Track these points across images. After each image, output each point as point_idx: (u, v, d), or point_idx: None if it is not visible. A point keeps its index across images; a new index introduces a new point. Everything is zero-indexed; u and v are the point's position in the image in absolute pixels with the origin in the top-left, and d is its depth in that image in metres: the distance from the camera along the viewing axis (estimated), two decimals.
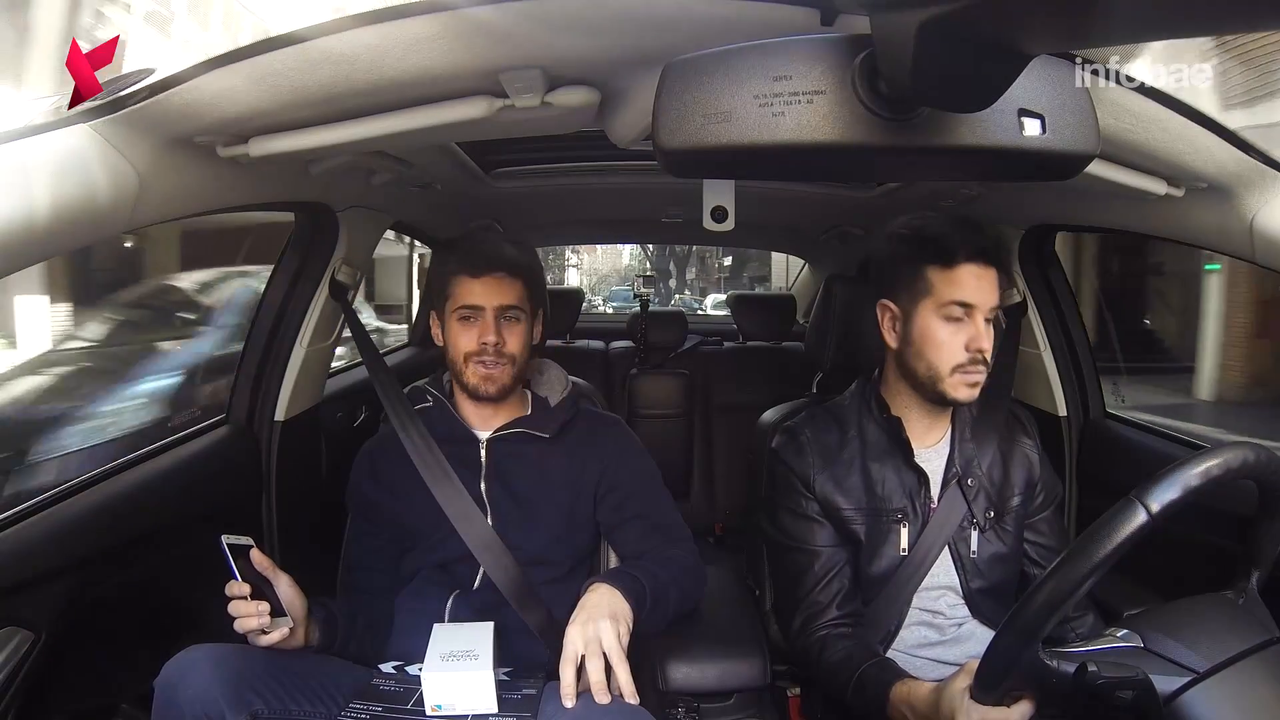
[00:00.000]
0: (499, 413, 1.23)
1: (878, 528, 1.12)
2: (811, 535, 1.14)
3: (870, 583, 1.13)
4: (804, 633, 1.12)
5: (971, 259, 1.04)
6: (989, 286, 1.05)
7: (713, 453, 2.63)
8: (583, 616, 0.95)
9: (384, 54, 0.75)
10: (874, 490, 1.12)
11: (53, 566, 0.98)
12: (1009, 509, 1.14)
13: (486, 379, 1.16)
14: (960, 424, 1.16)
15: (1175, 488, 0.72)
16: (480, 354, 1.16)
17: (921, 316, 1.07)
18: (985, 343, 1.03)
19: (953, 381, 1.05)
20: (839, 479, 1.13)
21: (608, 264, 16.16)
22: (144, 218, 0.86)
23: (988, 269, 1.05)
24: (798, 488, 1.15)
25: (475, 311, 1.16)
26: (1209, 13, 0.45)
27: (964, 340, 1.04)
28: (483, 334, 1.15)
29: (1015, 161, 0.62)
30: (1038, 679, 0.77)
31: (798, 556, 1.14)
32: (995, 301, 1.05)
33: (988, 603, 1.12)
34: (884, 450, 1.14)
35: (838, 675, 1.05)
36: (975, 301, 1.04)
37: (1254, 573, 0.84)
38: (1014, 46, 0.51)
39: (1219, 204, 0.97)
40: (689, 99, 0.58)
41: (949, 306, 1.04)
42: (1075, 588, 0.72)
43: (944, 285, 1.05)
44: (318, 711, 0.97)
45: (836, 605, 1.11)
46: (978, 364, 1.04)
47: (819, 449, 1.15)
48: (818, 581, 1.12)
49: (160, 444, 1.30)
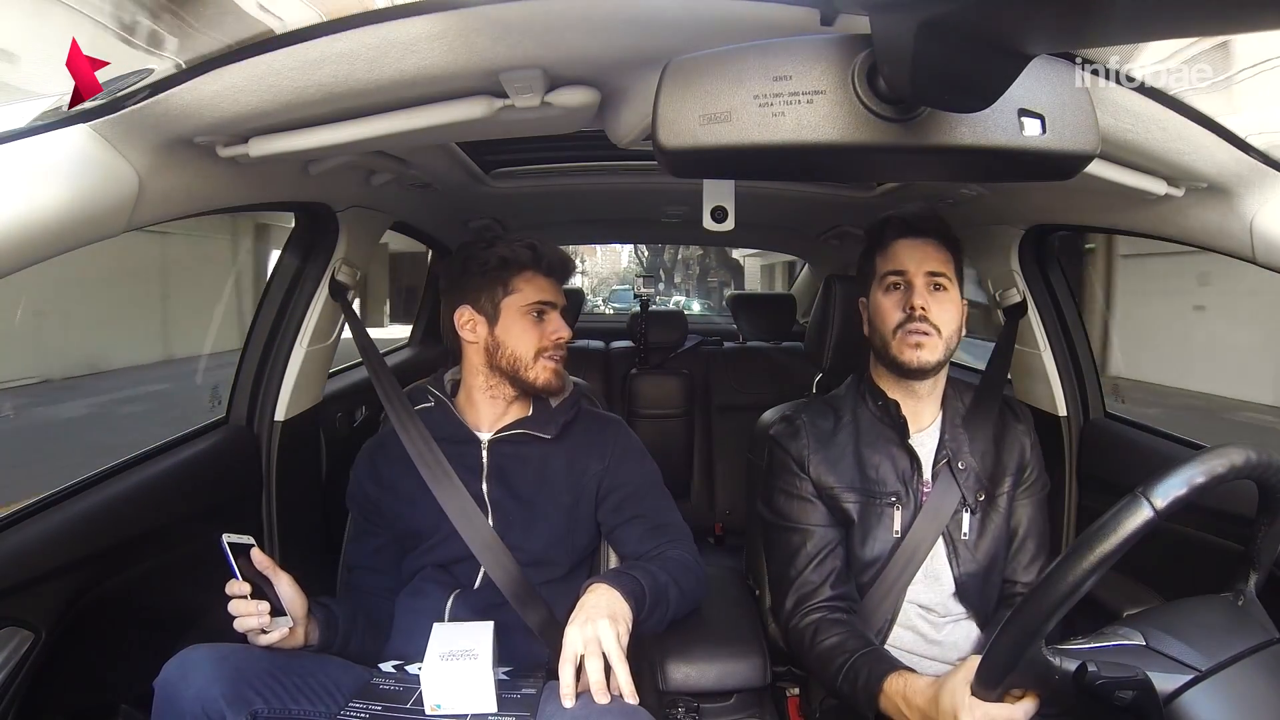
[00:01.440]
0: (501, 413, 1.23)
1: (870, 509, 1.14)
2: (804, 514, 1.16)
3: (863, 568, 1.14)
4: (796, 614, 1.13)
5: (901, 234, 1.15)
6: (920, 254, 1.13)
7: (713, 453, 2.63)
8: (582, 617, 0.95)
9: (384, 54, 0.74)
10: (867, 474, 1.16)
11: (53, 566, 0.98)
12: (1000, 491, 1.16)
13: (557, 374, 1.21)
14: (951, 412, 1.19)
15: (1180, 485, 0.72)
16: (552, 350, 1.20)
17: (874, 297, 1.17)
18: (918, 299, 1.11)
19: (897, 344, 1.12)
20: (833, 461, 1.17)
21: (607, 267, 16.29)
22: (144, 218, 0.86)
23: (919, 240, 1.14)
24: (792, 468, 1.18)
25: (548, 308, 1.21)
26: (1209, 13, 0.45)
27: (902, 303, 1.12)
28: (558, 330, 1.20)
29: (1015, 161, 0.62)
30: (1040, 676, 0.76)
31: (791, 536, 1.17)
32: (931, 266, 1.13)
33: (976, 589, 1.13)
34: (877, 435, 1.18)
35: (829, 662, 1.05)
36: (906, 267, 1.13)
37: (1254, 573, 0.84)
38: (1014, 46, 0.51)
39: (1219, 204, 0.97)
40: (689, 99, 0.58)
41: (887, 278, 1.15)
42: (1079, 584, 0.72)
43: (882, 262, 1.16)
44: (318, 711, 0.97)
45: (830, 585, 1.13)
46: (914, 321, 1.11)
47: (814, 432, 1.19)
48: (810, 560, 1.14)
49: (160, 444, 1.30)
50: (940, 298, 1.12)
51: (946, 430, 1.17)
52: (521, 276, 1.20)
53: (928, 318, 1.10)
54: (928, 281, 1.12)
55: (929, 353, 1.11)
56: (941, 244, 1.15)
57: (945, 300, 1.13)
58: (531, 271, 1.20)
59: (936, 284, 1.12)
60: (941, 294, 1.12)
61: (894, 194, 1.72)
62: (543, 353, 1.19)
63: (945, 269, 1.13)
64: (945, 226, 1.17)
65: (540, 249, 1.22)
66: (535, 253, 1.21)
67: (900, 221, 1.15)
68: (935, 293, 1.12)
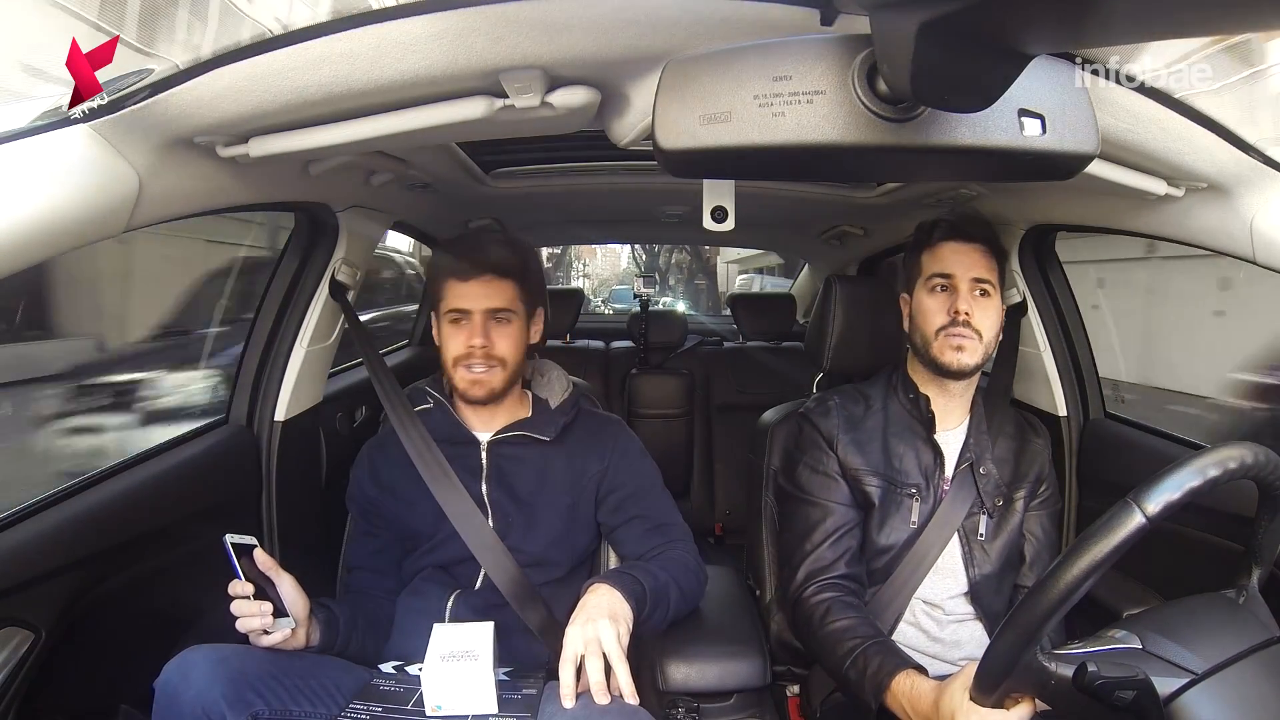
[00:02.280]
0: (499, 415, 1.23)
1: (892, 497, 1.16)
2: (827, 491, 1.18)
3: (876, 554, 1.15)
4: (806, 587, 1.14)
5: (948, 237, 1.17)
6: (968, 260, 1.15)
7: (713, 453, 2.63)
8: (582, 617, 0.95)
9: (384, 54, 0.74)
10: (891, 462, 1.17)
11: (53, 566, 0.97)
12: (1018, 497, 1.18)
13: (474, 383, 1.16)
14: (977, 415, 1.21)
15: (1171, 490, 0.72)
16: (468, 357, 1.15)
17: (917, 296, 1.19)
18: (963, 304, 1.13)
19: (939, 344, 1.15)
20: (860, 444, 1.19)
21: (608, 268, 16.38)
22: (144, 218, 0.86)
23: (967, 244, 1.16)
24: (820, 444, 1.20)
25: (464, 314, 1.16)
26: (1209, 13, 0.45)
27: (946, 306, 1.14)
28: (470, 337, 1.15)
29: (1015, 161, 0.62)
30: (1037, 681, 0.76)
31: (811, 510, 1.18)
32: (977, 273, 1.15)
33: (988, 591, 1.14)
34: (905, 427, 1.20)
35: (838, 644, 1.05)
36: (953, 271, 1.15)
37: (1254, 573, 0.84)
38: (1014, 46, 0.51)
39: (1219, 204, 0.97)
40: (689, 99, 0.58)
41: (932, 279, 1.17)
42: (1072, 590, 0.72)
43: (929, 262, 1.18)
44: (318, 712, 0.97)
45: (845, 563, 1.15)
46: (957, 325, 1.13)
47: (844, 414, 1.22)
48: (828, 535, 1.16)
49: (160, 444, 1.30)
50: (983, 303, 1.15)
51: (972, 434, 1.19)
52: (445, 284, 1.17)
53: (970, 323, 1.13)
54: (972, 287, 1.14)
55: (969, 355, 1.13)
56: (988, 250, 1.17)
57: (988, 306, 1.15)
58: (450, 279, 1.17)
59: (981, 289, 1.15)
60: (985, 299, 1.15)
61: (894, 194, 1.72)
62: (460, 361, 1.16)
63: (990, 276, 1.16)
64: (993, 232, 1.19)
65: (455, 253, 1.18)
66: (449, 258, 1.18)
67: (949, 224, 1.18)
68: (979, 298, 1.14)
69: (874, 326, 1.39)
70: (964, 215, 1.19)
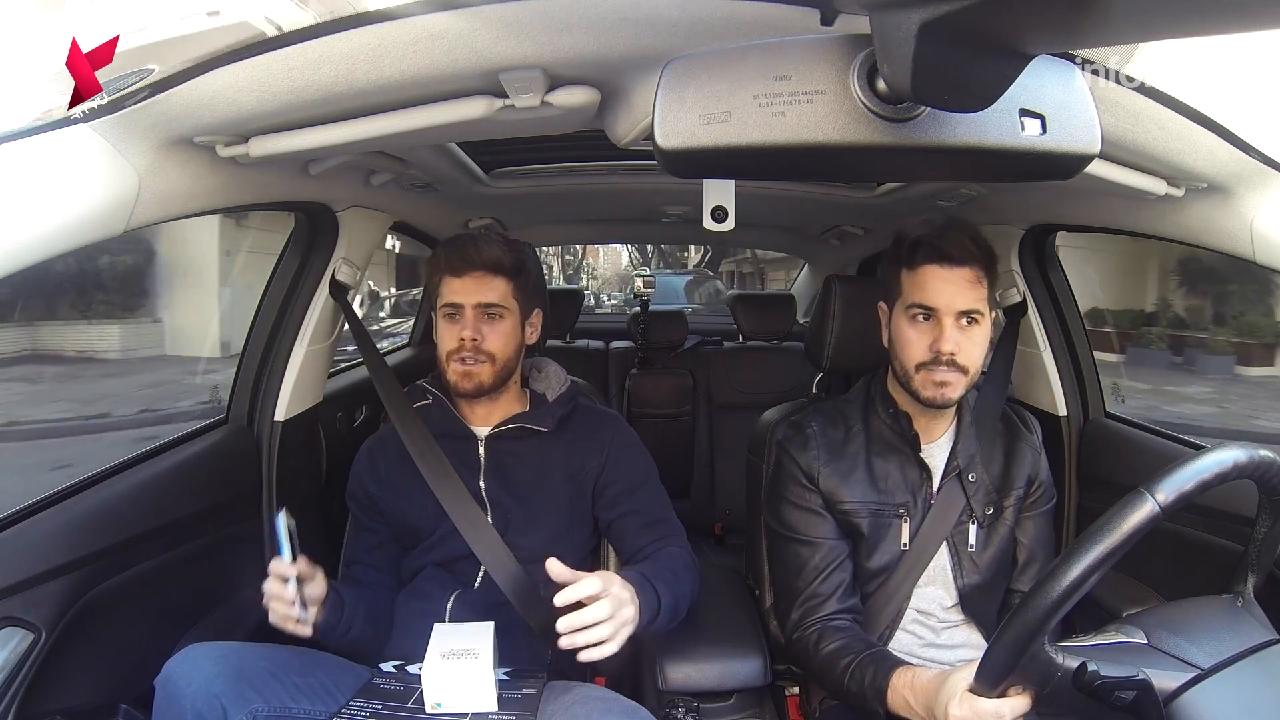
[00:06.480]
0: (496, 410, 1.23)
1: (880, 522, 1.13)
2: (812, 528, 1.14)
3: (869, 578, 1.14)
4: (801, 625, 1.12)
5: (931, 260, 1.04)
6: (953, 289, 1.03)
7: (713, 452, 2.62)
8: (617, 584, 0.95)
9: (384, 54, 0.74)
10: (877, 484, 1.13)
11: (53, 566, 0.97)
12: (1008, 504, 1.15)
13: (464, 375, 1.17)
14: (964, 421, 1.16)
15: (1184, 482, 0.72)
16: (459, 350, 1.17)
17: (896, 316, 1.10)
18: (947, 345, 1.02)
19: (919, 379, 1.06)
20: (844, 473, 1.14)
21: (609, 269, 16.45)
22: (144, 218, 0.86)
23: (953, 269, 1.03)
24: (800, 480, 1.15)
25: (457, 309, 1.18)
26: (1209, 13, 0.45)
27: (928, 341, 1.04)
28: (461, 330, 1.17)
29: (1015, 161, 0.62)
30: (1041, 673, 0.76)
31: (799, 548, 1.15)
32: (964, 305, 1.03)
33: (980, 600, 1.13)
34: (888, 445, 1.15)
35: (834, 664, 1.05)
36: (936, 305, 1.03)
37: (1253, 574, 0.85)
38: (1014, 46, 0.51)
39: (1219, 204, 0.97)
40: (689, 99, 0.58)
41: (912, 308, 1.06)
42: (1082, 580, 0.72)
43: (909, 286, 1.06)
44: (318, 710, 0.97)
45: (837, 599, 1.12)
46: (940, 365, 1.03)
47: (825, 443, 1.16)
48: (818, 573, 1.13)
49: (160, 444, 1.30)
50: (971, 332, 1.04)
51: (959, 440, 1.15)
52: (440, 280, 1.20)
53: (955, 361, 1.03)
54: (959, 318, 1.03)
55: (953, 390, 1.05)
56: (977, 271, 1.04)
57: (976, 334, 1.05)
58: (444, 275, 1.19)
59: (970, 318, 1.04)
60: (973, 328, 1.04)
61: (894, 194, 1.72)
62: (452, 355, 1.18)
63: (979, 304, 1.04)
64: (981, 248, 1.05)
65: (449, 250, 1.20)
66: (443, 255, 1.20)
67: (932, 247, 1.04)
68: (967, 327, 1.04)
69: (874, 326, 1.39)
70: (949, 231, 1.04)
